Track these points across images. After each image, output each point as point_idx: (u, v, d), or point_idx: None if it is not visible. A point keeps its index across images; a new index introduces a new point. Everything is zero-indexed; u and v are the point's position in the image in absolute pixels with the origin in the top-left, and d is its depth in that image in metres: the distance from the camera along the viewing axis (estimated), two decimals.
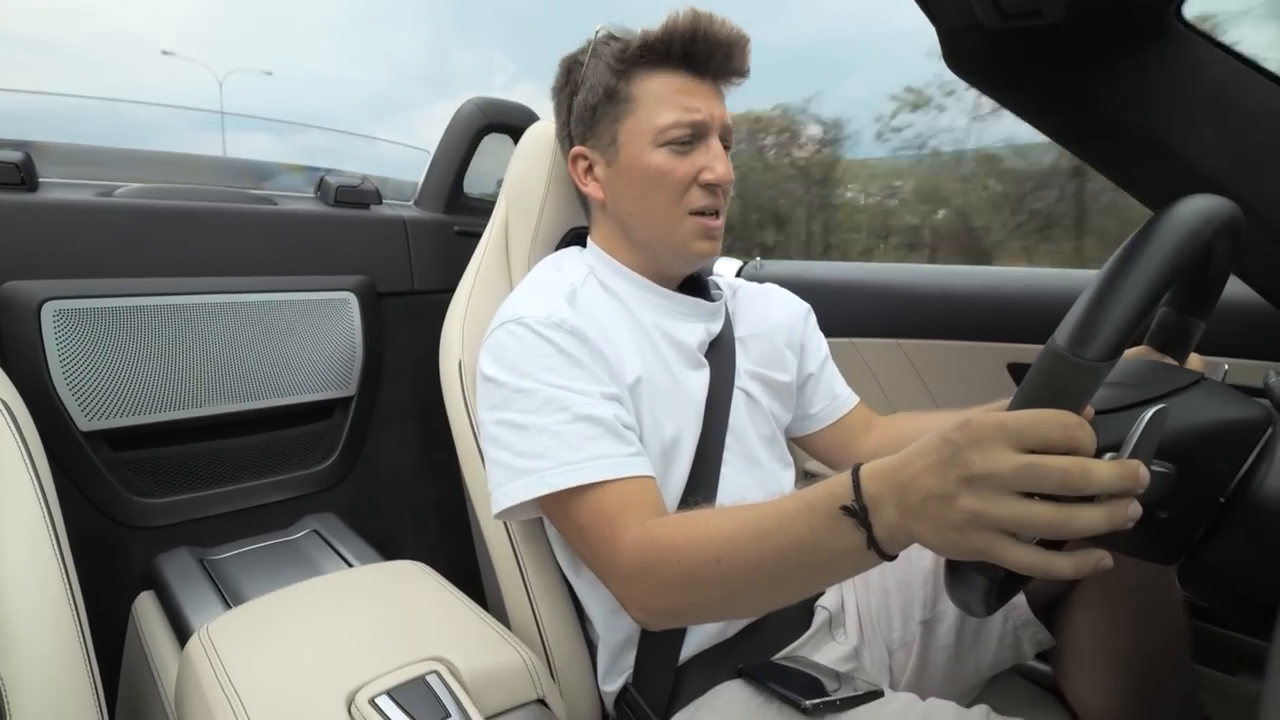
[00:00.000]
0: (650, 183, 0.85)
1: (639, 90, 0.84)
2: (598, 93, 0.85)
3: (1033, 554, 0.46)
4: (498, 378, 0.78)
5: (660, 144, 0.83)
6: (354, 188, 1.44)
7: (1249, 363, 0.99)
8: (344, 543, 1.16)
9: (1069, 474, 0.44)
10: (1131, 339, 0.48)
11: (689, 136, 0.83)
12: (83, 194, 1.18)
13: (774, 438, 0.96)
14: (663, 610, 0.70)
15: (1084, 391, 0.47)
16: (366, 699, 0.67)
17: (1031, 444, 0.45)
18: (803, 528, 0.58)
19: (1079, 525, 0.44)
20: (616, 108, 0.85)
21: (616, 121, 0.85)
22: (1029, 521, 0.45)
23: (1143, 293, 0.47)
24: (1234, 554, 0.54)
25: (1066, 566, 0.46)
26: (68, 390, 1.08)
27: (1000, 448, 0.46)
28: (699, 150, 0.84)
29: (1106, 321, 0.46)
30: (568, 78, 0.90)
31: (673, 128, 0.83)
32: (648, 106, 0.84)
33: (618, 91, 0.84)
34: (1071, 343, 0.47)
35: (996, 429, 0.46)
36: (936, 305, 1.36)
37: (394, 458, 1.45)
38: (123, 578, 1.14)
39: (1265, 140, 0.68)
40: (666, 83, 0.83)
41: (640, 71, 0.84)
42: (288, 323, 1.28)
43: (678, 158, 0.84)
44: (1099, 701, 0.88)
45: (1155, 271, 0.48)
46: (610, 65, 0.84)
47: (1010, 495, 0.46)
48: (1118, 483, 0.44)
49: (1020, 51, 0.73)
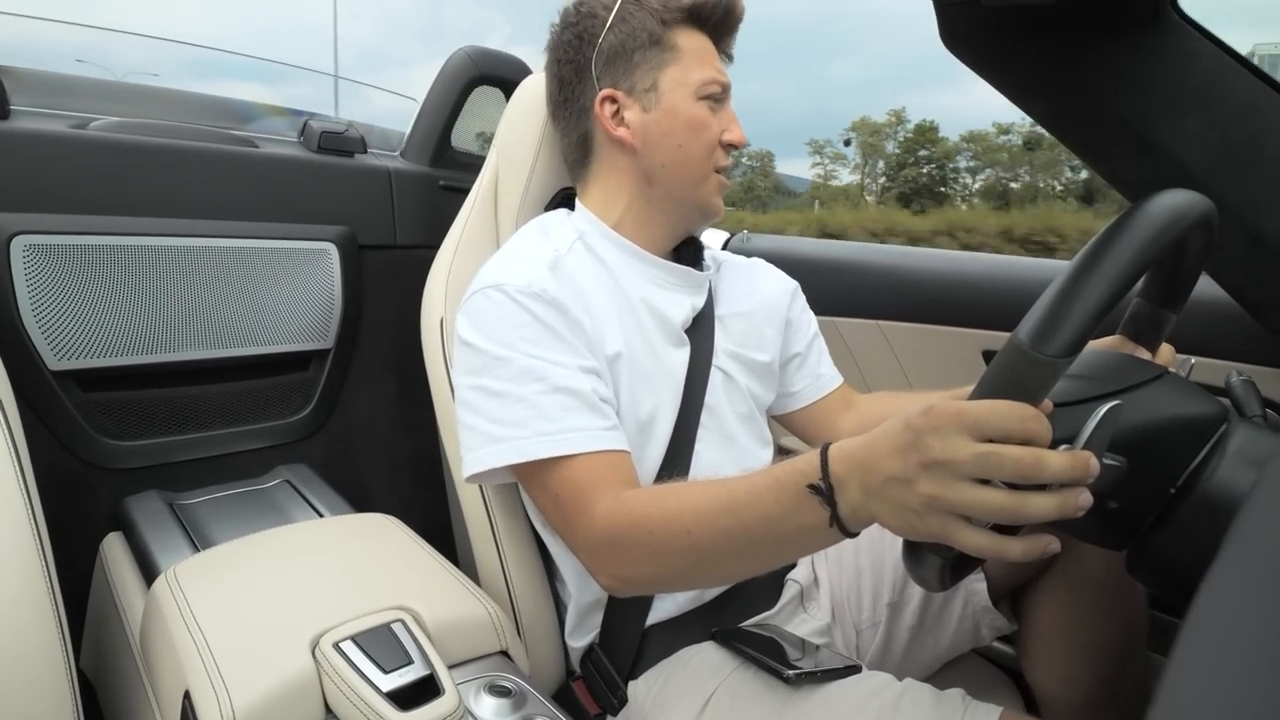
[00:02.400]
0: (690, 132, 0.86)
1: (684, 42, 0.86)
2: (641, 37, 0.86)
3: (985, 537, 0.49)
4: (474, 343, 0.77)
5: (702, 97, 0.86)
6: (339, 134, 1.41)
7: (1216, 362, 1.01)
8: (316, 493, 1.16)
9: (1023, 463, 0.46)
10: (1101, 329, 0.49)
11: (720, 94, 0.88)
12: (57, 125, 1.15)
13: (751, 416, 0.96)
14: (632, 579, 0.72)
15: (1042, 386, 0.49)
16: (331, 643, 0.68)
17: (990, 433, 0.48)
18: (770, 503, 0.60)
19: (1030, 511, 0.47)
20: (662, 54, 0.86)
21: (659, 69, 0.86)
22: (983, 506, 0.48)
23: (1105, 292, 0.48)
24: (1179, 543, 0.56)
25: (1016, 550, 0.49)
26: (37, 328, 1.06)
27: (959, 436, 0.48)
28: (723, 112, 0.89)
29: (1068, 320, 0.48)
30: (594, 19, 0.87)
31: (711, 83, 0.86)
32: (690, 59, 0.86)
33: (664, 39, 0.86)
34: (1033, 338, 0.48)
35: (957, 417, 0.48)
36: (918, 289, 1.37)
37: (370, 412, 1.44)
38: (90, 517, 1.13)
39: (1247, 137, 0.68)
40: (702, 43, 0.88)
41: (680, 26, 0.87)
42: (266, 271, 1.26)
43: (712, 114, 0.87)
44: (1058, 685, 0.91)
45: (1119, 271, 0.49)
46: (656, 12, 0.86)
47: (967, 481, 0.48)
48: (1069, 473, 0.46)
49: (1015, 31, 0.73)
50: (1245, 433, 0.56)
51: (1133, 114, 0.71)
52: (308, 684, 0.66)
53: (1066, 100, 0.76)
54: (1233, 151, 0.69)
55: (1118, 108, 0.72)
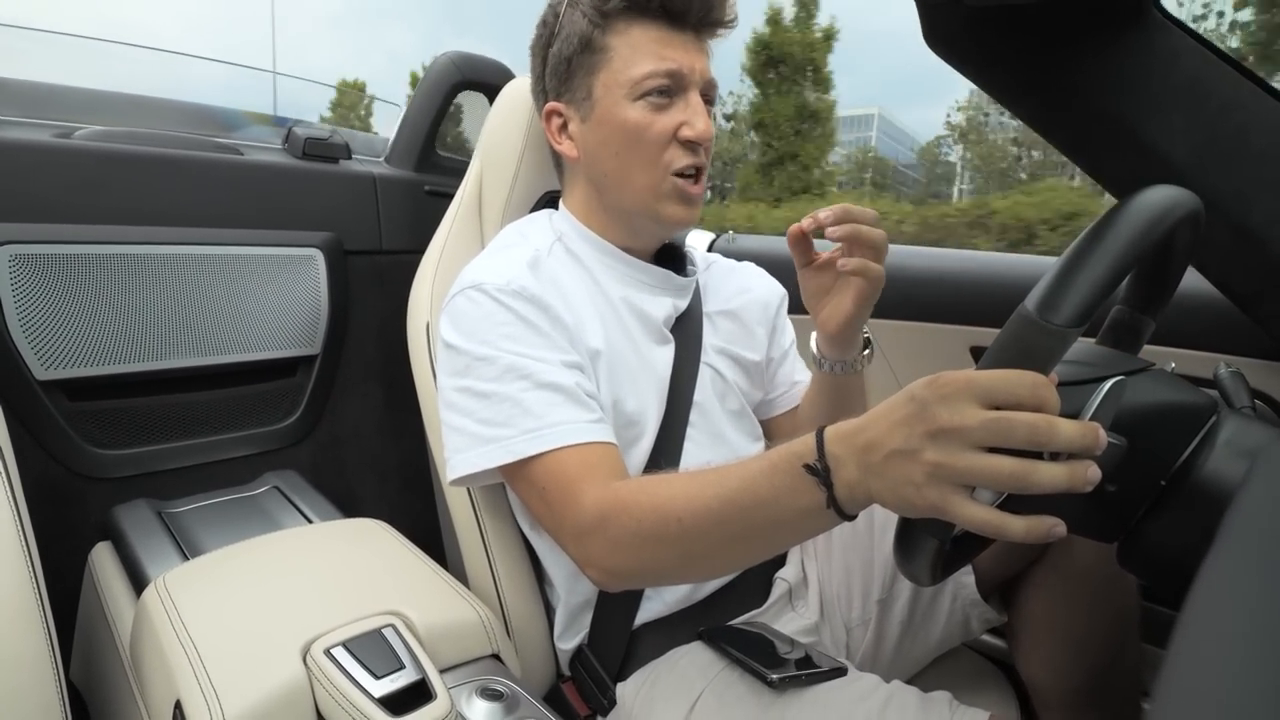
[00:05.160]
0: (627, 139, 0.81)
1: (616, 40, 0.80)
2: (573, 43, 0.82)
3: (987, 512, 0.47)
4: (457, 345, 0.77)
5: (637, 97, 0.80)
6: (323, 140, 1.41)
7: (1201, 354, 1.02)
8: (305, 499, 1.15)
9: (1037, 428, 0.45)
10: (1084, 334, 0.49)
11: (667, 88, 0.80)
12: (41, 134, 1.14)
13: (742, 412, 0.96)
14: (622, 570, 0.70)
15: (1051, 355, 0.48)
16: (322, 649, 0.67)
17: (1000, 401, 0.46)
18: (764, 486, 0.58)
19: (1040, 479, 0.45)
20: (592, 59, 0.81)
21: (592, 74, 0.81)
22: (992, 472, 0.46)
23: (1110, 266, 0.49)
24: (1170, 534, 0.56)
25: (1019, 528, 0.47)
26: (24, 338, 1.05)
27: (969, 403, 0.47)
28: (678, 105, 0.81)
29: (1075, 289, 0.48)
30: (544, 28, 0.86)
31: (649, 78, 0.79)
32: (624, 57, 0.80)
33: (593, 41, 0.81)
34: (1041, 308, 0.48)
35: (966, 384, 0.47)
36: (903, 286, 1.37)
37: (357, 417, 1.44)
38: (79, 528, 1.12)
39: (1232, 132, 0.69)
40: (644, 33, 0.80)
41: (618, 21, 0.80)
42: (252, 278, 1.25)
43: (656, 112, 0.80)
44: (1050, 677, 0.91)
45: (1122, 248, 0.49)
46: (587, 14, 0.81)
47: (974, 449, 0.46)
48: (1079, 439, 0.45)
49: (998, 30, 0.73)
50: (1235, 424, 0.57)
51: (1117, 111, 0.72)
52: (299, 691, 0.66)
53: (1051, 98, 0.77)
54: (1218, 147, 0.70)
55: (1102, 106, 0.72)
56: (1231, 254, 0.74)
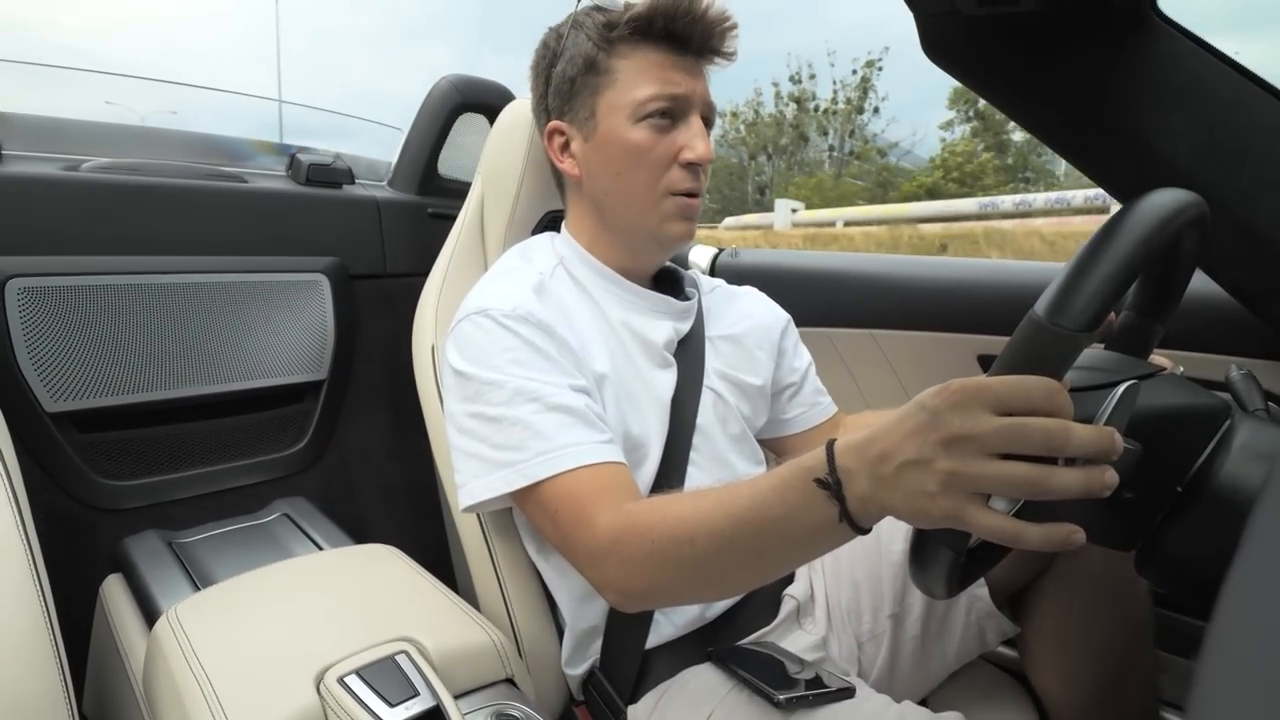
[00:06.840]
0: (629, 159, 0.82)
1: (620, 63, 0.82)
2: (577, 64, 0.83)
3: (1004, 520, 0.46)
4: (466, 371, 0.77)
5: (640, 119, 0.81)
6: (326, 166, 1.42)
7: (1212, 357, 1.01)
8: (314, 526, 1.15)
9: (1052, 433, 0.44)
10: (1101, 332, 0.49)
11: (669, 110, 0.81)
12: (48, 168, 1.15)
13: (744, 436, 0.95)
14: (637, 592, 0.70)
15: (1064, 360, 0.48)
16: (336, 678, 0.67)
17: (1014, 407, 0.46)
18: (776, 503, 0.57)
19: (1056, 484, 0.44)
20: (596, 79, 0.82)
21: (595, 94, 0.83)
22: (1008, 478, 0.45)
23: (1119, 268, 0.48)
24: (1188, 541, 0.55)
25: (1036, 536, 0.46)
26: (33, 370, 1.06)
27: (981, 410, 0.46)
28: (680, 128, 0.82)
29: (1085, 293, 0.47)
30: (546, 50, 0.87)
31: (652, 100, 0.80)
32: (628, 79, 0.81)
33: (598, 63, 0.82)
34: (1052, 312, 0.47)
35: (979, 391, 0.46)
36: (910, 296, 1.37)
37: (365, 442, 1.44)
38: (90, 560, 1.12)
39: (1235, 134, 0.69)
40: (648, 57, 0.81)
41: (623, 45, 0.81)
42: (258, 304, 1.26)
43: (658, 134, 0.81)
44: (1063, 687, 0.90)
45: (1130, 250, 0.49)
46: (592, 36, 0.82)
47: (988, 456, 0.46)
48: (1095, 444, 0.44)
49: (997, 40, 0.73)
50: (1250, 427, 0.56)
51: (1118, 116, 0.72)
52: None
53: (1051, 105, 0.77)
54: (1220, 148, 0.70)
55: (1103, 110, 0.72)
56: (1239, 255, 0.74)
